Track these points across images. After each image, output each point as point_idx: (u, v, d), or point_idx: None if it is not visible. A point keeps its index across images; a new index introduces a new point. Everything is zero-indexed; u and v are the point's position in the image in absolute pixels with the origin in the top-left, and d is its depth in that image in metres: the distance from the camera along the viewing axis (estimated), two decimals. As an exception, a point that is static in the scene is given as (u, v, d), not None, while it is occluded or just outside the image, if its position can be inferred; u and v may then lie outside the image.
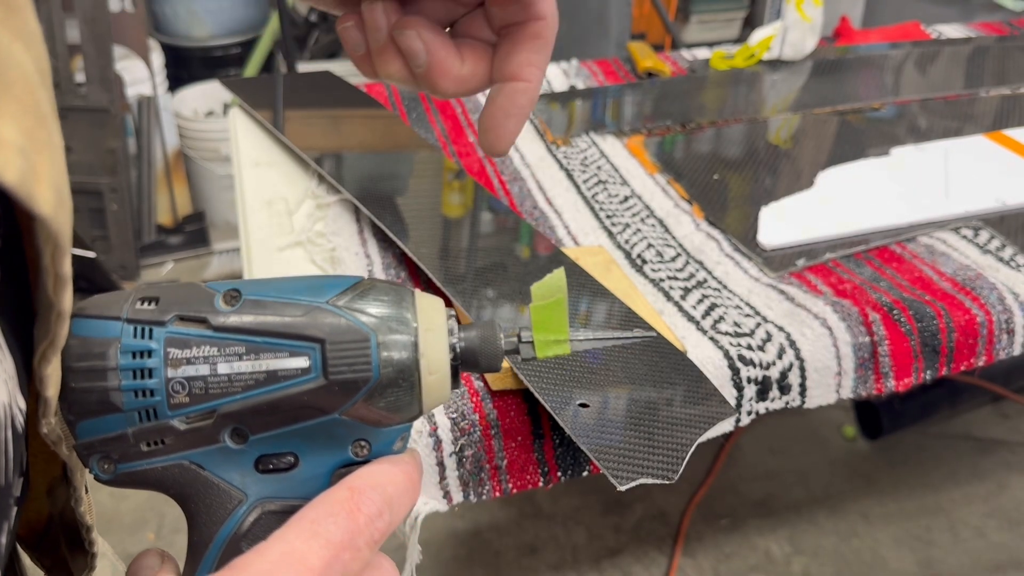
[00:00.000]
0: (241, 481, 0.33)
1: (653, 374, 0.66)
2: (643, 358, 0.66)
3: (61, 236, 0.25)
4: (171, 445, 0.33)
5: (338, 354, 0.32)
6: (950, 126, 1.07)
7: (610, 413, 0.62)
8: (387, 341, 0.33)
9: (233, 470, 0.33)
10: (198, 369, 0.32)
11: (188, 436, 0.32)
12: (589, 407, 0.62)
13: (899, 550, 1.53)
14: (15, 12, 0.23)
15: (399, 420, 0.34)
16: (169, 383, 0.32)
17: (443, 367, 0.34)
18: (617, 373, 0.65)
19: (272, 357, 0.32)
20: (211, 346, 0.32)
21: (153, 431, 0.32)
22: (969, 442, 1.75)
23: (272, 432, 0.33)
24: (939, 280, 0.78)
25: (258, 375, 0.32)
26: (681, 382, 0.65)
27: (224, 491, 0.33)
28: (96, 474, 0.33)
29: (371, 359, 0.32)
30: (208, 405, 0.32)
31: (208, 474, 0.33)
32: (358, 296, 0.33)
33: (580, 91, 1.19)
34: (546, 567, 1.50)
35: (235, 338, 0.32)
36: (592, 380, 0.65)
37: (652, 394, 0.64)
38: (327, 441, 0.33)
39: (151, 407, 0.32)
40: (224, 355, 0.32)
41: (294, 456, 0.34)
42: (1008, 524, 1.58)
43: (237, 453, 0.33)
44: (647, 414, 0.62)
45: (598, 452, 0.59)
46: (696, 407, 0.63)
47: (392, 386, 0.33)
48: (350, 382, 0.32)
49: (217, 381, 0.32)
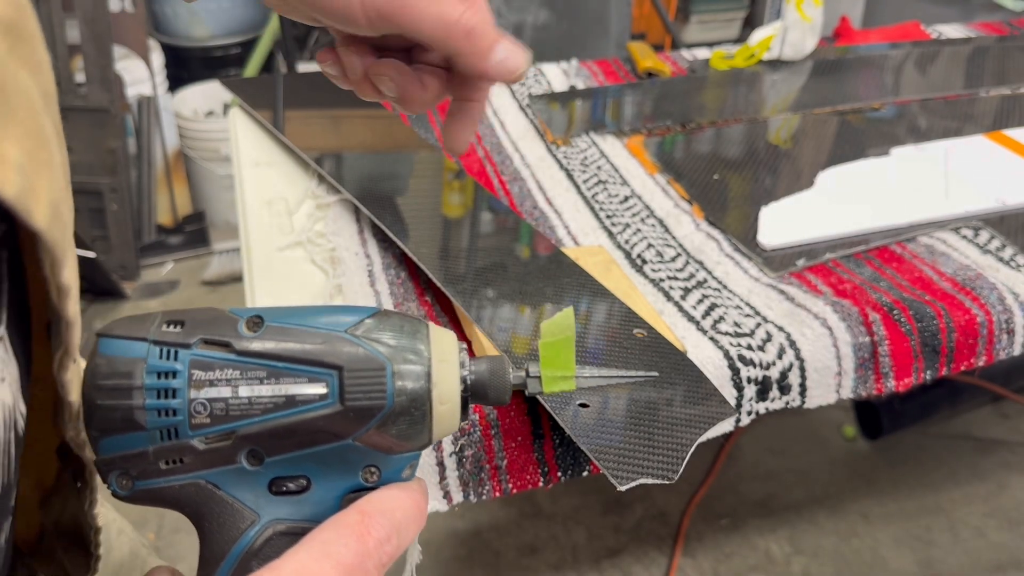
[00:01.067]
0: (255, 502, 0.34)
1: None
2: (643, 358, 0.66)
3: (57, 249, 0.26)
4: (189, 464, 0.33)
5: (355, 381, 0.33)
6: (950, 126, 1.07)
7: (610, 413, 0.62)
8: (402, 371, 0.34)
9: (247, 491, 0.34)
10: (220, 391, 0.33)
11: (206, 456, 0.33)
12: (589, 407, 0.62)
13: (899, 550, 1.53)
14: (24, 42, 0.25)
15: (409, 448, 0.35)
16: (192, 404, 0.33)
17: (454, 397, 0.35)
18: (617, 373, 0.65)
19: (292, 382, 0.33)
20: (234, 369, 0.33)
21: (173, 450, 0.33)
22: (969, 442, 1.75)
23: (287, 455, 0.34)
24: (939, 280, 0.78)
25: (277, 399, 0.33)
26: (681, 382, 0.65)
27: (238, 511, 0.34)
28: (114, 490, 0.34)
29: (386, 387, 0.34)
30: (228, 427, 0.33)
31: (223, 494, 0.34)
32: (375, 326, 0.35)
33: (580, 91, 1.19)
34: (546, 567, 1.50)
35: (257, 363, 0.33)
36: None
37: (652, 394, 0.64)
38: (339, 466, 0.34)
39: (173, 426, 0.33)
40: (246, 378, 0.33)
41: (307, 479, 0.35)
42: (1008, 524, 1.58)
43: (252, 474, 0.34)
44: (647, 414, 0.62)
45: (598, 452, 0.59)
46: (696, 407, 0.63)
47: (405, 414, 0.34)
48: (365, 409, 0.33)
49: (238, 403, 0.33)
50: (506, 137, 1.07)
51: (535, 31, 2.01)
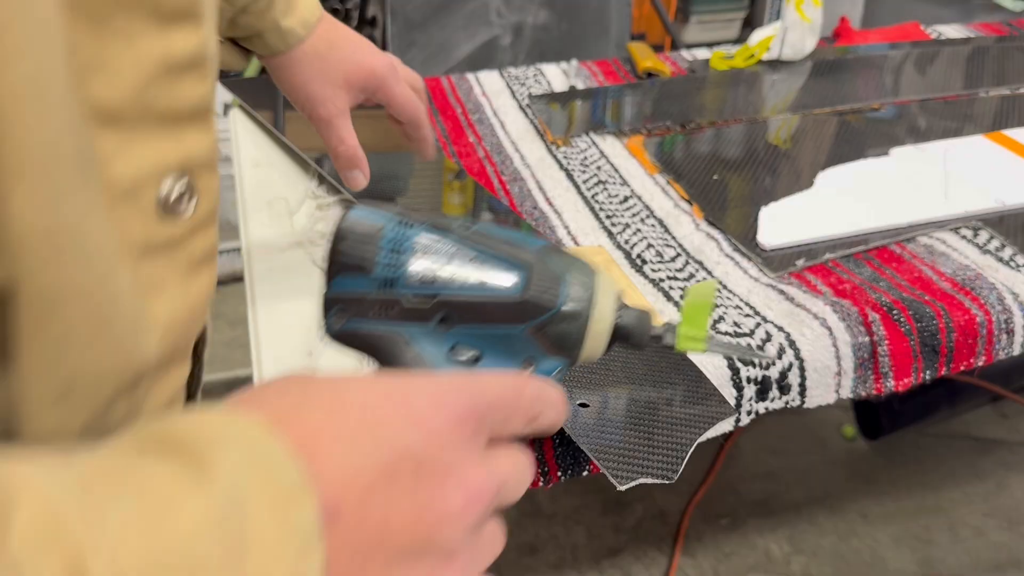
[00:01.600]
0: (434, 361, 0.42)
1: (653, 374, 0.66)
2: (643, 357, 0.67)
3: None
4: (394, 315, 0.42)
5: (538, 281, 0.42)
6: (949, 126, 1.08)
7: (610, 413, 0.62)
8: (574, 283, 0.43)
9: (432, 350, 0.42)
10: (434, 263, 0.41)
11: (408, 312, 0.42)
12: (589, 407, 0.62)
13: (898, 550, 1.54)
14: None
15: (561, 355, 0.43)
16: (410, 265, 0.41)
17: (607, 323, 0.43)
18: (617, 373, 0.66)
19: (491, 268, 0.42)
20: (452, 247, 0.42)
21: (385, 301, 0.42)
22: (968, 442, 1.75)
23: (470, 327, 0.42)
24: (938, 280, 0.78)
25: (476, 279, 0.41)
26: (681, 382, 0.65)
27: (420, 365, 0.42)
28: (328, 324, 0.44)
29: (559, 293, 0.42)
30: (432, 291, 0.41)
31: (412, 348, 0.42)
32: (559, 252, 0.44)
33: (580, 91, 1.19)
34: (546, 566, 1.50)
35: (470, 247, 0.42)
36: (592, 380, 0.65)
37: (652, 394, 0.64)
38: (507, 350, 0.42)
39: (392, 279, 0.41)
40: (457, 257, 0.41)
41: (479, 354, 0.42)
42: (1007, 523, 1.58)
43: (439, 337, 0.42)
44: (647, 414, 0.62)
45: (598, 452, 0.59)
46: (696, 407, 0.64)
47: (566, 321, 0.42)
48: (539, 305, 0.42)
49: (445, 276, 0.41)
50: (506, 137, 1.07)
51: (535, 31, 2.01)
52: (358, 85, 0.69)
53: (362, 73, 0.69)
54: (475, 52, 1.91)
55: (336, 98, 0.68)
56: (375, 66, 0.69)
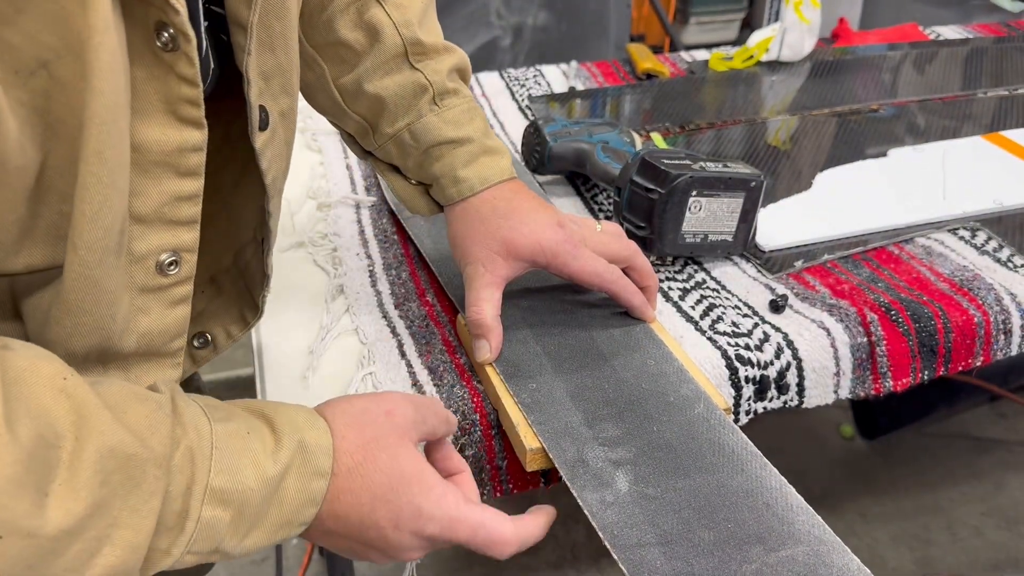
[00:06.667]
0: None
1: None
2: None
3: None
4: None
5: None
6: (948, 127, 1.08)
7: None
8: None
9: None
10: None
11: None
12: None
13: (897, 549, 1.54)
14: None
15: None
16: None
17: None
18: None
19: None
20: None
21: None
22: (967, 441, 1.75)
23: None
24: (936, 281, 0.78)
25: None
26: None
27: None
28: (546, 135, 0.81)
29: None
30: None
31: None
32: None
33: (579, 92, 1.19)
34: (546, 566, 1.51)
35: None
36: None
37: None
38: None
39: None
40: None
41: None
42: (1006, 523, 1.58)
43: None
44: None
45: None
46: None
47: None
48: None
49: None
50: (506, 138, 1.07)
51: (535, 32, 2.01)
52: (524, 256, 0.65)
53: (528, 246, 0.65)
54: (475, 53, 1.91)
55: (489, 262, 0.65)
56: (543, 241, 0.65)
